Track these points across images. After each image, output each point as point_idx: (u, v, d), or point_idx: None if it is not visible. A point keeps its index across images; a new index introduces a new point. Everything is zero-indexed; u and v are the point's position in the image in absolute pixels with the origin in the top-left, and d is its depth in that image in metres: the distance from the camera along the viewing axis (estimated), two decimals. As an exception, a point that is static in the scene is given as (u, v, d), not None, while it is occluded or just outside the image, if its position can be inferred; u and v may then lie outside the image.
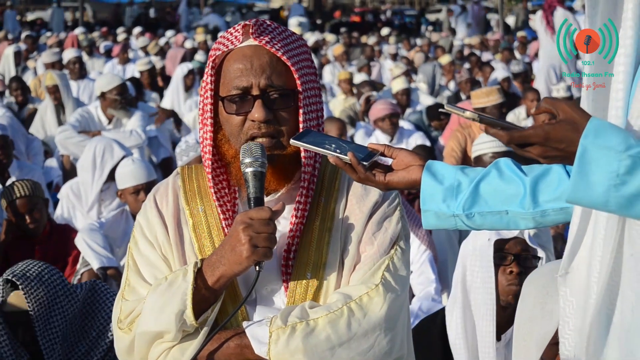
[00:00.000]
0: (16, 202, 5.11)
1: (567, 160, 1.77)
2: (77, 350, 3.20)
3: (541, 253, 3.30)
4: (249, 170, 2.10)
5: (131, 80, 10.45)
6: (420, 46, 18.74)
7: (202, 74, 11.11)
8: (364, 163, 2.04)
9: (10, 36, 19.64)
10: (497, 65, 13.73)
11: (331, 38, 20.14)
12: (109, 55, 16.61)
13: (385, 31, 23.40)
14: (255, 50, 2.16)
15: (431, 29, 27.14)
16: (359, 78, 11.91)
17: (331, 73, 14.67)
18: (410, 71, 13.48)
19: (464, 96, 11.03)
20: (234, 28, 2.22)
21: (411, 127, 8.57)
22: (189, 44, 17.01)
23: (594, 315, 1.84)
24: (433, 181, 2.02)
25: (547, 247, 3.35)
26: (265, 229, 2.05)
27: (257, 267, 2.08)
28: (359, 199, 2.24)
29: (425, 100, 11.13)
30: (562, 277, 1.94)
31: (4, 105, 9.31)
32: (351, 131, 9.18)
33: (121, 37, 19.53)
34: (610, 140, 1.70)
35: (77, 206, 6.14)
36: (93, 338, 3.23)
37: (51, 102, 8.98)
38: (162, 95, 11.94)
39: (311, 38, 18.26)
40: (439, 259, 5.13)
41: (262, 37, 2.16)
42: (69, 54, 11.49)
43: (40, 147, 8.08)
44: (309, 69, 2.21)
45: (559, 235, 5.38)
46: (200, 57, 13.89)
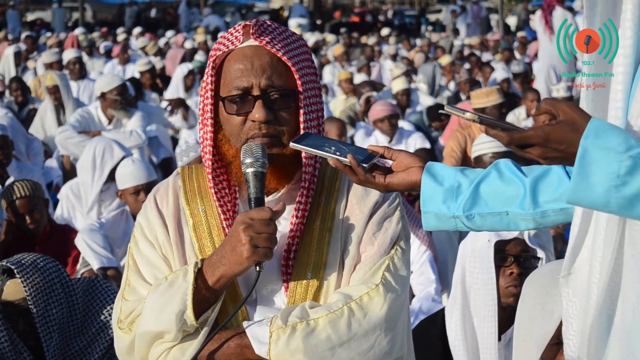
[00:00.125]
0: (16, 202, 5.11)
1: (568, 161, 1.77)
2: (75, 345, 3.21)
3: (541, 253, 3.29)
4: (249, 170, 2.10)
5: (131, 81, 10.45)
6: (420, 46, 18.74)
7: (202, 74, 11.12)
8: (364, 165, 2.04)
9: (10, 36, 19.65)
10: (497, 66, 13.74)
11: (331, 38, 20.14)
12: (109, 55, 16.62)
13: (385, 31, 23.41)
14: (255, 51, 2.16)
15: (431, 29, 27.13)
16: (358, 78, 11.90)
17: (331, 73, 14.67)
18: (410, 71, 13.47)
19: (463, 96, 11.02)
20: (234, 28, 2.22)
21: (411, 128, 8.57)
22: (189, 44, 17.01)
23: (595, 316, 1.84)
24: (433, 183, 2.03)
25: (547, 247, 3.35)
26: (265, 229, 2.05)
27: (257, 268, 2.08)
28: (359, 199, 2.24)
29: (425, 100, 11.13)
30: (564, 278, 1.94)
31: (4, 106, 9.31)
32: (351, 131, 9.18)
33: (121, 37, 19.53)
34: (610, 141, 1.70)
35: (77, 206, 6.14)
36: (92, 334, 3.24)
37: (51, 102, 8.97)
38: (162, 95, 11.94)
39: (311, 38, 18.27)
40: (439, 259, 5.13)
41: (262, 38, 2.16)
42: (69, 54, 11.49)
43: (40, 147, 8.07)
44: (309, 69, 2.21)
45: (559, 235, 5.37)
46: (200, 57, 13.89)
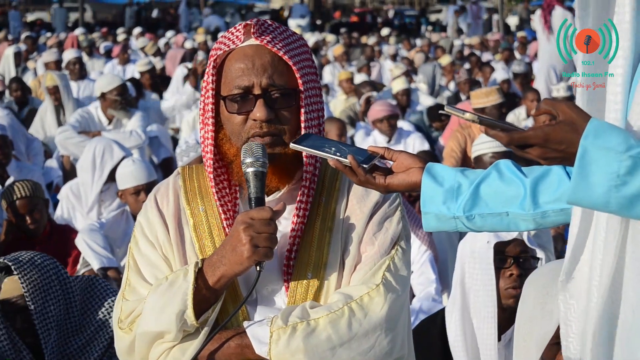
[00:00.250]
0: (16, 202, 5.12)
1: (567, 161, 1.77)
2: (73, 343, 3.21)
3: (540, 253, 3.29)
4: (250, 170, 2.10)
5: (131, 81, 10.45)
6: (420, 46, 18.74)
7: (202, 74, 11.11)
8: (364, 166, 2.04)
9: (10, 37, 19.65)
10: (497, 66, 13.74)
11: (331, 38, 20.14)
12: (109, 55, 16.61)
13: (385, 31, 23.40)
14: (256, 50, 2.16)
15: (431, 29, 27.12)
16: (359, 78, 11.90)
17: (331, 73, 14.66)
18: (410, 71, 13.47)
19: (463, 96, 11.02)
20: (235, 28, 2.22)
21: (410, 128, 8.55)
22: (188, 45, 17.01)
23: (597, 317, 1.84)
24: (433, 183, 2.03)
25: (548, 247, 3.34)
26: (266, 229, 2.05)
27: (257, 267, 2.08)
28: (359, 199, 2.24)
29: (426, 100, 11.13)
30: (563, 282, 1.93)
31: (4, 106, 9.31)
32: (351, 131, 9.18)
33: (121, 37, 19.53)
34: (610, 140, 1.70)
35: (77, 207, 6.14)
36: (91, 333, 3.24)
37: (51, 102, 8.97)
38: (162, 96, 11.93)
39: (311, 38, 18.26)
40: (439, 258, 5.12)
41: (263, 37, 2.16)
42: (69, 54, 11.49)
43: (40, 147, 8.07)
44: (310, 69, 2.21)
45: (559, 235, 5.37)
46: (200, 57, 13.88)
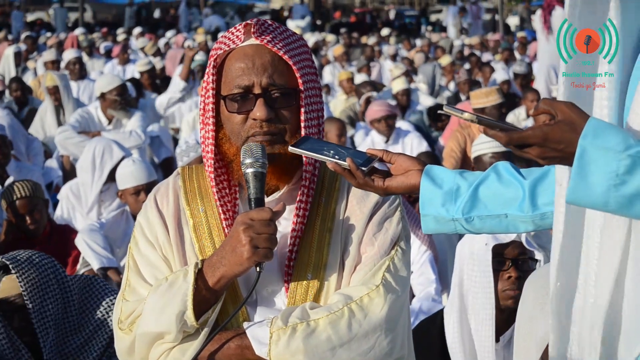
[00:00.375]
0: (16, 202, 5.11)
1: (566, 161, 1.77)
2: (71, 342, 3.21)
3: (539, 254, 3.29)
4: (249, 170, 2.10)
5: (131, 81, 10.44)
6: (420, 47, 18.74)
7: (202, 74, 11.11)
8: (363, 168, 2.05)
9: (10, 37, 19.65)
10: (497, 66, 13.74)
11: (331, 38, 20.13)
12: (109, 55, 16.61)
13: (385, 31, 23.40)
14: (256, 50, 2.16)
15: (430, 29, 27.11)
16: (359, 79, 11.90)
17: (331, 73, 14.66)
18: (410, 72, 13.47)
19: (463, 97, 11.03)
20: (235, 28, 2.22)
21: (408, 127, 8.51)
22: (188, 45, 16.99)
23: (598, 319, 1.84)
24: (432, 186, 2.03)
25: (547, 247, 3.34)
26: (265, 229, 2.05)
27: (257, 268, 2.08)
28: (359, 200, 2.24)
29: (426, 100, 11.13)
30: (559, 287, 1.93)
31: (4, 106, 9.31)
32: (351, 132, 9.17)
33: (121, 37, 19.52)
34: (609, 140, 1.70)
35: (77, 207, 6.14)
36: (89, 332, 3.24)
37: (51, 102, 8.97)
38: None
39: (311, 38, 18.25)
40: (439, 259, 5.12)
41: (263, 37, 2.16)
42: (69, 54, 11.49)
43: (40, 147, 8.07)
44: (310, 69, 2.21)
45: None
46: (200, 57, 13.86)
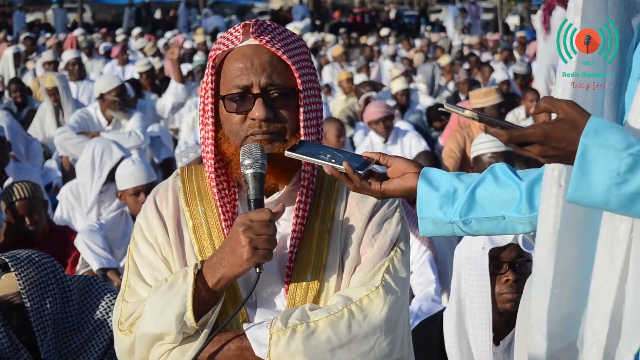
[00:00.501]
0: (16, 204, 5.11)
1: (567, 159, 1.77)
2: (71, 342, 3.21)
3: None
4: (248, 172, 2.10)
5: (130, 82, 10.44)
6: (419, 47, 18.74)
7: (201, 74, 11.11)
8: (360, 172, 2.05)
9: (10, 37, 19.65)
10: (497, 66, 13.74)
11: (330, 38, 20.12)
12: (108, 56, 16.61)
13: (384, 31, 23.40)
14: (255, 50, 2.16)
15: (429, 29, 27.12)
16: (358, 79, 11.91)
17: (330, 74, 14.66)
18: (410, 72, 13.47)
19: (462, 96, 11.03)
20: (234, 28, 2.22)
21: (406, 127, 8.48)
22: (188, 45, 17.00)
23: (604, 318, 1.83)
24: (429, 188, 2.03)
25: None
26: (265, 230, 2.05)
27: (257, 269, 2.08)
28: (358, 201, 2.23)
29: (425, 100, 11.12)
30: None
31: (3, 107, 9.31)
32: (350, 132, 9.16)
33: (120, 38, 19.52)
34: (610, 138, 1.70)
35: (77, 207, 6.13)
36: (89, 333, 3.24)
37: (50, 104, 8.97)
38: (161, 96, 11.92)
39: (310, 39, 18.24)
40: (438, 259, 5.11)
41: (262, 37, 2.16)
42: (68, 55, 11.48)
43: (39, 148, 8.07)
44: (309, 69, 2.21)
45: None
46: (199, 58, 13.87)
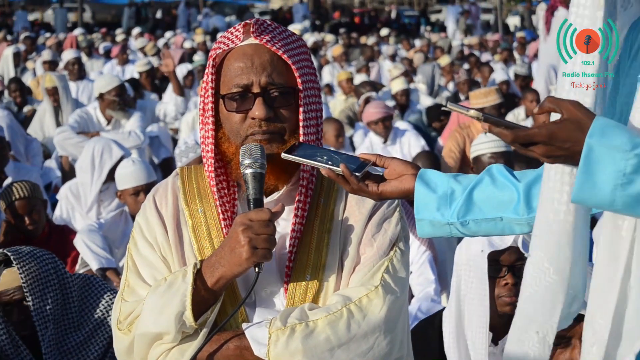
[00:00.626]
0: (15, 203, 5.11)
1: (572, 159, 1.76)
2: (71, 339, 3.22)
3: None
4: (248, 171, 2.10)
5: (130, 81, 10.44)
6: (419, 47, 18.74)
7: (202, 74, 11.11)
8: (357, 174, 2.04)
9: (10, 37, 19.66)
10: (496, 66, 13.74)
11: (330, 38, 20.13)
12: (108, 56, 16.61)
13: (384, 32, 23.41)
14: (255, 49, 2.16)
15: (429, 29, 27.12)
16: (358, 79, 11.90)
17: (330, 74, 14.66)
18: (410, 72, 13.47)
19: (462, 97, 11.03)
20: (234, 27, 2.23)
21: (405, 126, 8.46)
22: (187, 45, 17.00)
23: (606, 318, 1.83)
24: (426, 190, 2.03)
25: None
26: (264, 230, 2.05)
27: (256, 269, 2.07)
28: (358, 201, 2.23)
29: (425, 100, 11.12)
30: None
31: (3, 107, 9.30)
32: (350, 132, 9.16)
33: (120, 37, 19.52)
34: (616, 139, 1.69)
35: (76, 207, 6.12)
36: (89, 331, 3.25)
37: (50, 103, 8.96)
38: (160, 96, 11.92)
39: (310, 39, 18.25)
40: (438, 259, 5.11)
41: (262, 36, 2.16)
42: (68, 54, 11.48)
43: (39, 148, 8.06)
44: (309, 69, 2.21)
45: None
46: (199, 57, 13.87)
